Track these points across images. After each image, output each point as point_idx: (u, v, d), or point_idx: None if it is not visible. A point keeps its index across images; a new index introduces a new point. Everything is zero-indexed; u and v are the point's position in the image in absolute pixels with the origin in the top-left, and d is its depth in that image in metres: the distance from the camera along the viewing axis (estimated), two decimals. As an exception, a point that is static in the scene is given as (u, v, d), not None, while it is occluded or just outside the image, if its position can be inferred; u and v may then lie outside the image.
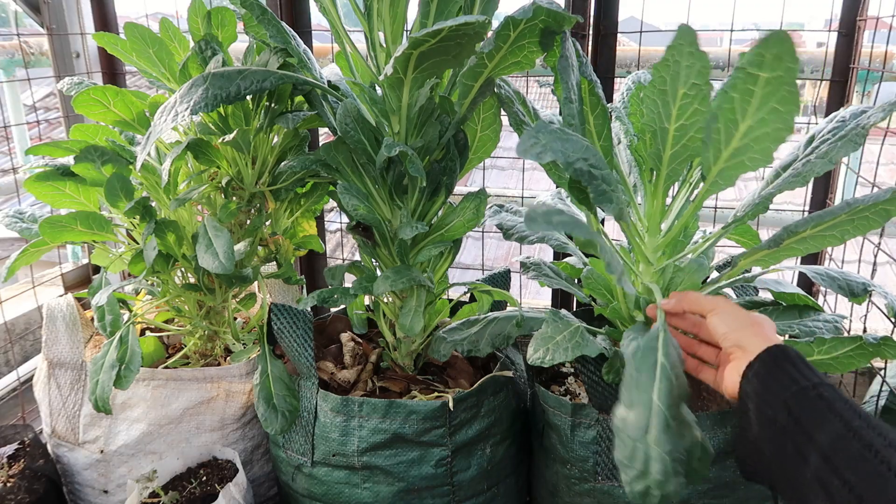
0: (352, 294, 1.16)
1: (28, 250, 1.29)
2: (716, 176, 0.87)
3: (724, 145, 0.83)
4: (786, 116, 0.77)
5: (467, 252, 4.30)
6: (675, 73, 0.83)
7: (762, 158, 0.82)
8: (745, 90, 0.77)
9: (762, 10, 4.23)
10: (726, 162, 0.85)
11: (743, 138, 0.81)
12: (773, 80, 0.75)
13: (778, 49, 0.73)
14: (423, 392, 1.23)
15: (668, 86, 0.85)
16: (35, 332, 1.83)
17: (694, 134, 0.88)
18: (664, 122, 0.89)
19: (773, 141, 0.80)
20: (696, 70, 0.82)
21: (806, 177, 0.89)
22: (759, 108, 0.77)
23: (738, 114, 0.79)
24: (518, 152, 0.75)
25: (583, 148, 0.82)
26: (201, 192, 1.23)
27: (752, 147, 0.81)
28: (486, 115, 1.21)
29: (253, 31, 1.19)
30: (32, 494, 1.21)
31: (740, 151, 0.82)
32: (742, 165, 0.84)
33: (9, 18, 1.86)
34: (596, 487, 1.10)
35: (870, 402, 1.28)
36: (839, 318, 1.13)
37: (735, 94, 0.78)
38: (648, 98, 0.89)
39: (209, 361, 1.38)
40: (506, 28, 0.92)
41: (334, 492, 1.16)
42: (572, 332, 0.99)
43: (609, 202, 0.83)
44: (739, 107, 0.79)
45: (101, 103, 1.22)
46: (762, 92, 0.76)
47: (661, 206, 1.03)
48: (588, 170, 0.81)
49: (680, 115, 0.87)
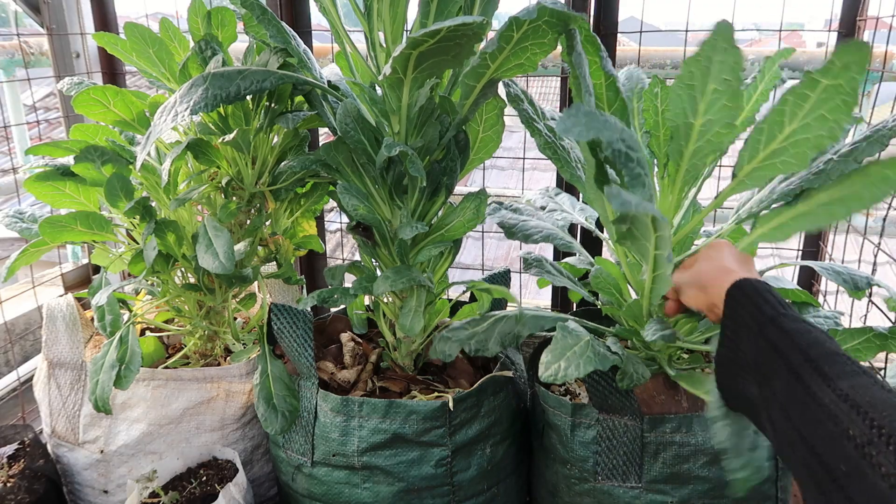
0: (352, 294, 1.16)
1: (28, 250, 1.29)
2: (746, 175, 0.86)
3: (764, 146, 0.82)
4: (832, 125, 0.75)
5: (467, 252, 4.30)
6: (705, 69, 0.82)
7: (797, 163, 0.80)
8: (801, 94, 0.76)
9: (762, 10, 4.22)
10: (761, 162, 0.84)
11: (784, 141, 0.80)
12: (830, 88, 0.73)
13: (850, 58, 0.71)
14: (423, 392, 1.23)
15: (697, 80, 0.84)
16: (35, 332, 1.83)
17: (719, 129, 0.87)
18: (689, 116, 0.88)
19: (812, 147, 0.78)
20: (728, 66, 0.80)
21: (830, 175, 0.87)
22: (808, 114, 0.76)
23: (787, 116, 0.78)
24: (560, 131, 0.75)
25: (619, 129, 0.82)
26: (201, 192, 1.23)
27: (788, 150, 0.80)
28: (489, 116, 1.21)
29: (253, 31, 1.19)
30: (32, 494, 1.21)
31: (777, 154, 0.81)
32: (774, 167, 0.83)
33: (9, 18, 1.86)
34: (596, 487, 1.10)
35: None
36: (838, 315, 1.13)
37: (790, 96, 0.77)
38: (674, 93, 0.87)
39: (209, 361, 1.38)
40: (509, 29, 0.92)
41: (334, 492, 1.16)
42: (584, 347, 0.98)
43: (642, 186, 0.82)
44: (790, 109, 0.77)
45: (101, 103, 1.22)
46: (816, 98, 0.75)
47: (677, 201, 1.03)
48: (626, 151, 0.81)
49: (707, 109, 0.86)
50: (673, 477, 1.07)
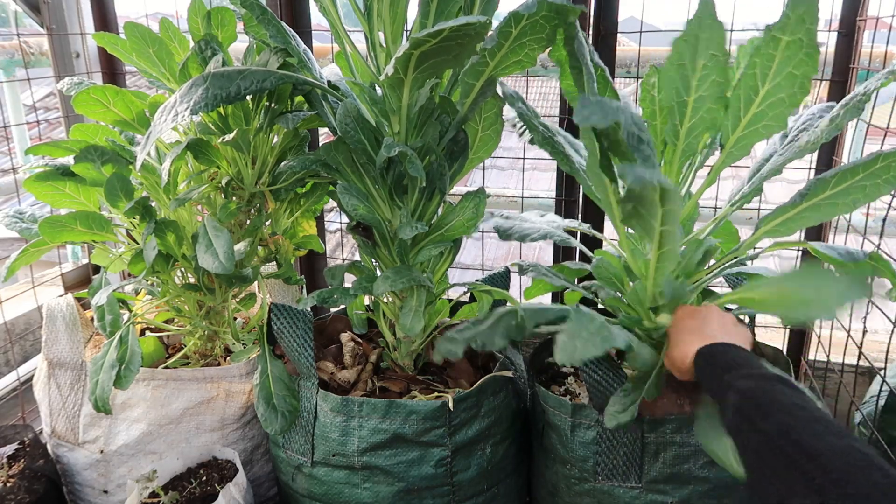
0: (352, 294, 1.16)
1: (28, 250, 1.29)
2: (733, 145, 0.88)
3: (744, 112, 0.84)
4: (802, 80, 0.78)
5: (467, 252, 4.30)
6: (693, 46, 0.84)
7: (776, 125, 0.83)
8: (767, 55, 0.78)
9: (762, 10, 4.22)
10: (744, 130, 0.85)
11: (760, 104, 0.82)
12: (792, 44, 0.76)
13: (803, 9, 0.73)
14: (423, 392, 1.23)
15: (688, 59, 0.86)
16: (35, 332, 1.83)
17: (711, 105, 0.89)
18: (683, 94, 0.90)
19: (788, 106, 0.80)
20: (714, 42, 0.82)
21: (815, 144, 0.88)
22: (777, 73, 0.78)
23: (759, 80, 0.80)
24: (577, 120, 0.76)
25: (630, 113, 0.83)
26: (201, 192, 1.23)
27: (767, 113, 0.82)
28: (488, 115, 1.21)
29: (253, 31, 1.19)
30: (32, 494, 1.21)
31: (757, 118, 0.83)
32: (757, 133, 0.85)
33: (9, 18, 1.86)
34: (596, 487, 1.10)
35: (870, 402, 1.28)
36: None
37: (758, 58, 0.79)
38: (665, 75, 0.89)
39: (209, 361, 1.38)
40: (508, 24, 0.92)
41: (334, 492, 1.16)
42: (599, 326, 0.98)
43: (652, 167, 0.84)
44: (760, 72, 0.79)
45: (101, 103, 1.22)
46: (781, 56, 0.77)
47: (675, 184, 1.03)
48: (638, 134, 0.82)
49: (699, 86, 0.87)
50: (673, 477, 1.07)
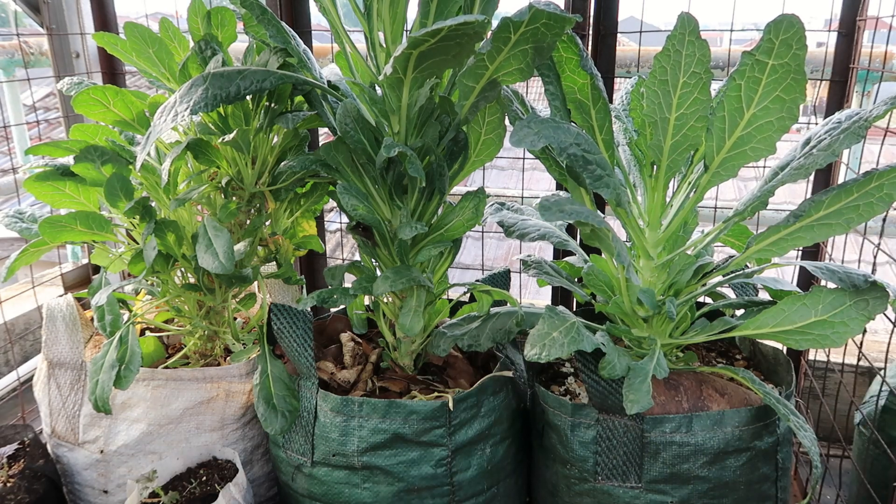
0: (352, 294, 1.17)
1: (28, 250, 1.29)
2: (718, 166, 0.88)
3: (728, 134, 0.84)
4: (790, 105, 0.78)
5: (467, 252, 4.30)
6: (675, 63, 0.83)
7: (765, 148, 0.83)
8: (752, 78, 0.77)
9: (762, 10, 4.23)
10: (729, 151, 0.85)
11: (746, 127, 0.82)
12: (779, 68, 0.75)
13: (787, 34, 0.73)
14: (423, 392, 1.23)
15: (669, 76, 0.85)
16: (35, 332, 1.83)
17: (694, 123, 0.88)
18: (665, 111, 0.89)
19: (776, 130, 0.80)
20: (696, 59, 0.82)
21: (808, 169, 0.88)
22: (763, 97, 0.78)
23: (744, 102, 0.80)
24: (512, 142, 0.77)
25: (574, 134, 0.83)
26: (201, 192, 1.23)
27: (754, 136, 0.82)
28: (491, 119, 1.20)
29: (253, 31, 1.19)
30: (32, 494, 1.21)
31: (744, 141, 0.83)
32: (745, 155, 0.85)
33: (9, 18, 1.86)
34: (596, 487, 1.10)
35: (870, 403, 1.28)
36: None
37: (741, 81, 0.78)
38: (649, 89, 0.89)
39: (209, 361, 1.38)
40: (504, 30, 0.91)
41: (334, 492, 1.16)
42: (568, 328, 0.99)
43: (606, 187, 0.85)
44: (745, 95, 0.79)
45: (100, 103, 1.22)
46: (767, 80, 0.77)
47: (662, 201, 1.03)
48: (582, 154, 0.82)
49: (680, 104, 0.87)
50: (673, 477, 1.07)
